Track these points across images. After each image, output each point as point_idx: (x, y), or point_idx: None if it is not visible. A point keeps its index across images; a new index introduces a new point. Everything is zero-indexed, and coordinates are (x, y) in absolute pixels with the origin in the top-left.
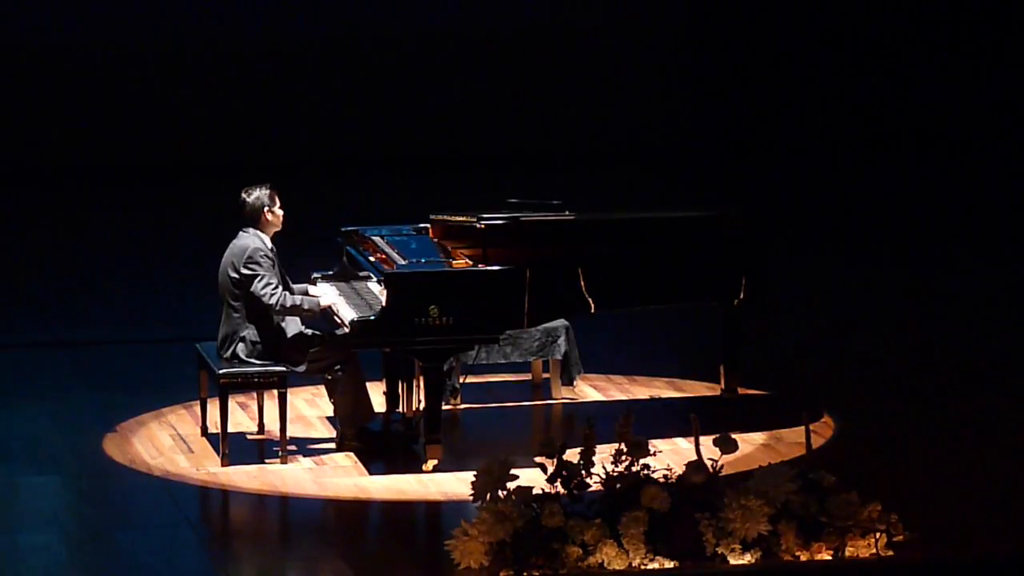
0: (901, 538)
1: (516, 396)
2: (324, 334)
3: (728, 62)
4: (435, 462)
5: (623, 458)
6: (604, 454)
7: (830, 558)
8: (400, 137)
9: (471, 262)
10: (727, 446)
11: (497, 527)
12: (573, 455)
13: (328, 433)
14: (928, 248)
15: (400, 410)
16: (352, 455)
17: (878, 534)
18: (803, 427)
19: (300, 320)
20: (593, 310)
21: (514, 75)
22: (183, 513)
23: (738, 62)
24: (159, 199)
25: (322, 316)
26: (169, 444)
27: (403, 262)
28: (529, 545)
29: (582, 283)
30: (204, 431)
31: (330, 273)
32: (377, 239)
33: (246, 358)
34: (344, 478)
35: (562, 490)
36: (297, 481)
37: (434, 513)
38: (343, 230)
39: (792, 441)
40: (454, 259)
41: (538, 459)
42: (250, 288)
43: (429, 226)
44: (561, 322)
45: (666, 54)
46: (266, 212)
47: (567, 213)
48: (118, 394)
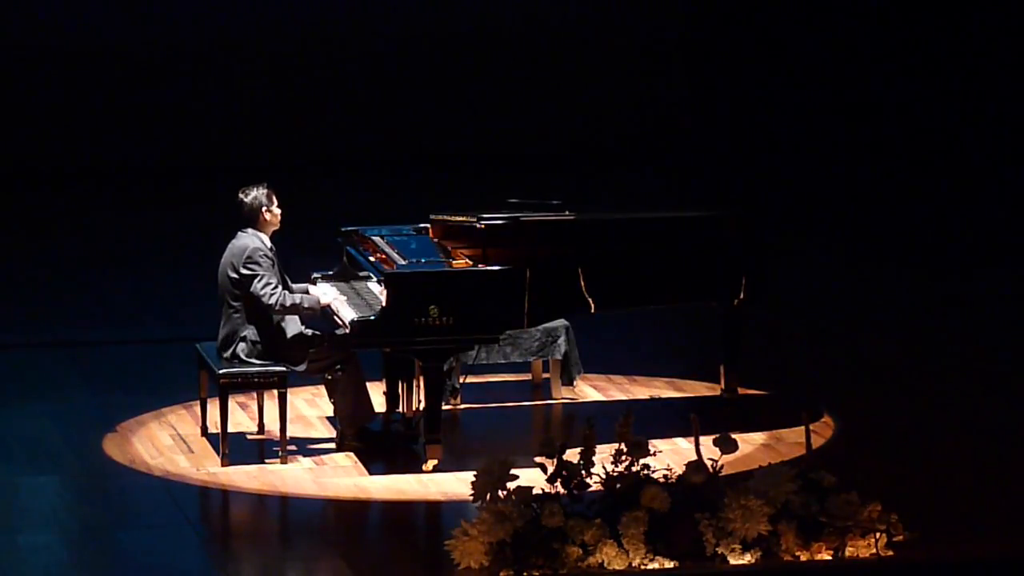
0: (901, 538)
1: (516, 396)
2: (324, 334)
3: (728, 62)
4: (435, 462)
5: (623, 458)
6: (604, 454)
7: (830, 558)
8: (400, 137)
9: (471, 262)
10: (727, 446)
11: (497, 527)
12: (573, 455)
13: (328, 433)
14: (928, 248)
15: (400, 410)
16: (352, 455)
17: (878, 534)
18: (803, 427)
19: (300, 320)
20: (593, 310)
21: (514, 75)
22: (183, 513)
23: (738, 62)
24: (159, 199)
25: (322, 316)
26: (169, 444)
27: (403, 262)
28: (529, 545)
29: (582, 283)
30: (204, 431)
31: (330, 273)
32: (377, 239)
33: (246, 358)
34: (344, 478)
35: (562, 490)
36: (297, 481)
37: (434, 513)
38: (343, 230)
39: (792, 441)
40: (454, 259)
41: (538, 459)
42: (250, 288)
43: (429, 226)
44: (561, 322)
45: (666, 54)
46: (264, 212)
47: (567, 213)
48: (118, 394)
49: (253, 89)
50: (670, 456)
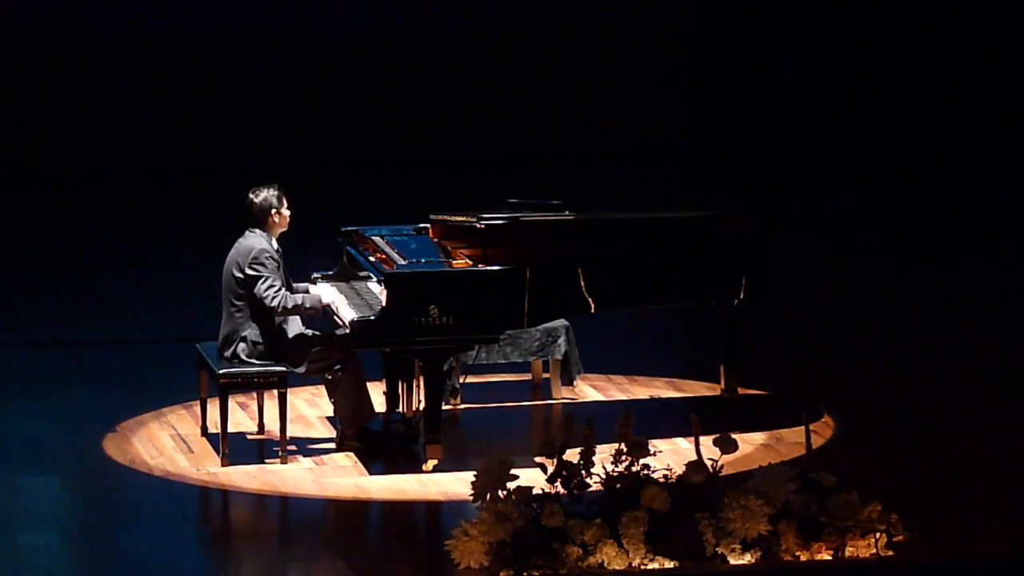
0: (901, 538)
1: (516, 396)
2: (325, 334)
3: (728, 62)
4: (435, 462)
5: (623, 458)
6: (604, 454)
7: (830, 558)
8: (400, 137)
9: (471, 262)
10: (727, 446)
11: (497, 527)
12: (573, 455)
13: (328, 433)
14: (928, 248)
15: (400, 410)
16: (352, 455)
17: (878, 534)
18: (803, 427)
19: (301, 320)
20: (593, 310)
21: (514, 75)
22: (183, 513)
23: (738, 62)
24: (159, 199)
25: (322, 316)
26: (169, 444)
27: (403, 262)
28: (529, 545)
29: (582, 283)
30: (204, 431)
31: (330, 273)
32: (377, 239)
33: (247, 358)
34: (344, 478)
35: (562, 490)
36: (297, 481)
37: (434, 513)
38: (343, 230)
39: (792, 441)
40: (454, 259)
41: (538, 459)
42: (253, 289)
43: (429, 226)
44: (561, 322)
45: (666, 54)
46: (273, 214)
47: (567, 213)
48: (118, 394)
49: (253, 89)
50: (670, 456)
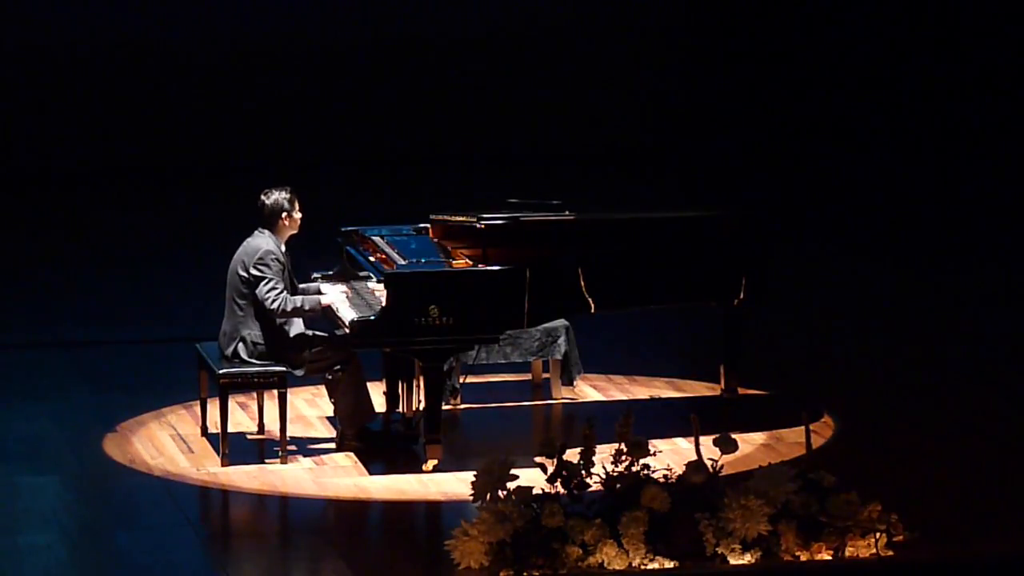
0: (901, 538)
1: (516, 396)
2: (325, 334)
3: (727, 62)
4: (435, 462)
5: (623, 458)
6: (604, 454)
7: (830, 558)
8: (400, 137)
9: (471, 262)
10: (727, 446)
11: (497, 527)
12: (573, 455)
13: (328, 433)
14: (928, 248)
15: (400, 410)
16: (352, 455)
17: (878, 534)
18: (803, 427)
19: (303, 321)
20: (593, 310)
21: (514, 75)
22: (183, 513)
23: (737, 62)
24: (159, 199)
25: (323, 316)
26: (169, 444)
27: (403, 262)
28: (529, 545)
29: (582, 283)
30: (204, 431)
31: (330, 273)
32: (377, 239)
33: (247, 358)
34: (344, 478)
35: (562, 490)
36: (297, 481)
37: (434, 513)
38: (343, 230)
39: (792, 441)
40: (454, 259)
41: (538, 459)
42: (255, 290)
43: (429, 226)
44: (561, 322)
45: (665, 54)
46: (284, 217)
47: (567, 213)
48: (118, 394)
49: (253, 89)
50: (670, 456)
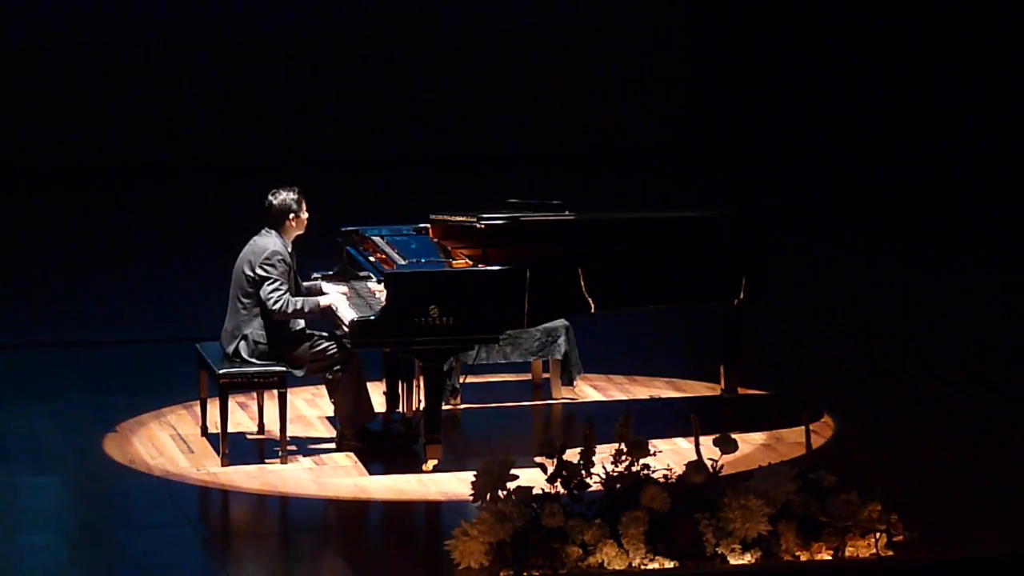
0: (901, 538)
1: (516, 396)
2: (326, 334)
3: (727, 62)
4: (435, 462)
5: (623, 458)
6: (604, 454)
7: (830, 558)
8: (400, 137)
9: (471, 262)
10: (727, 446)
11: (497, 527)
12: (573, 455)
13: (328, 433)
14: (928, 248)
15: (400, 410)
16: (352, 455)
17: (878, 534)
18: (803, 427)
19: (304, 322)
20: (593, 310)
21: (514, 75)
22: (183, 513)
23: (737, 62)
24: (159, 198)
25: (322, 316)
26: (169, 444)
27: (403, 262)
28: (529, 545)
29: (582, 283)
30: (204, 431)
31: (330, 273)
32: (377, 239)
33: (248, 357)
34: (344, 478)
35: (562, 490)
36: (297, 481)
37: (434, 513)
38: (343, 230)
39: (792, 441)
40: (454, 259)
41: (538, 459)
42: (259, 290)
43: (429, 226)
44: (561, 322)
45: (665, 54)
46: (291, 218)
47: (567, 213)
48: (118, 394)
49: (254, 89)
50: (670, 456)
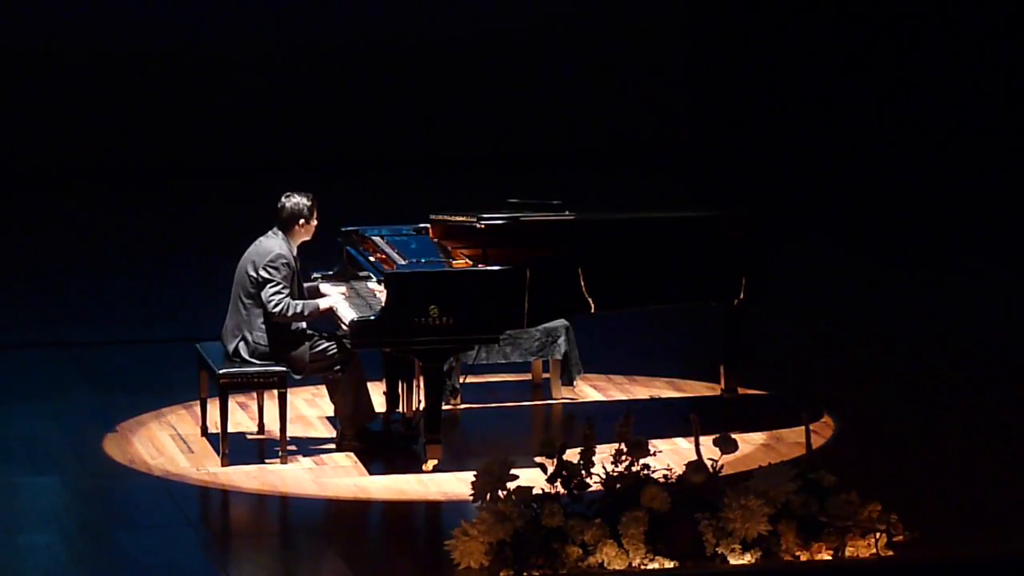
0: (901, 538)
1: (516, 396)
2: (326, 334)
3: (727, 62)
4: (435, 462)
5: (623, 458)
6: (604, 454)
7: (830, 558)
8: (400, 137)
9: (471, 262)
10: (727, 446)
11: (497, 527)
12: (573, 455)
13: (328, 433)
14: (928, 248)
15: (400, 410)
16: (352, 455)
17: (878, 534)
18: (803, 427)
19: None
20: (593, 310)
21: (514, 75)
22: (183, 513)
23: (737, 62)
24: (159, 199)
25: (322, 318)
26: (169, 444)
27: (403, 262)
28: (529, 545)
29: (582, 283)
30: (204, 431)
31: (330, 273)
32: (377, 239)
33: (247, 357)
34: (344, 478)
35: (562, 490)
36: (297, 481)
37: (434, 513)
38: (343, 230)
39: (792, 441)
40: (454, 259)
41: (538, 459)
42: (260, 291)
43: (429, 226)
44: (561, 322)
45: (665, 54)
46: (300, 223)
47: (567, 213)
48: (118, 394)
49: (254, 89)
50: (670, 456)
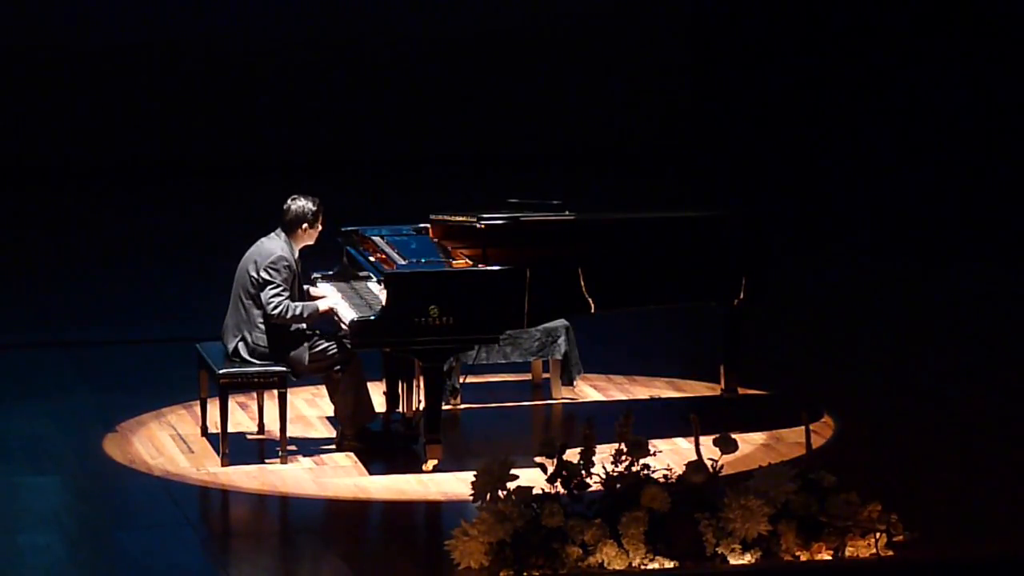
0: (901, 538)
1: (516, 396)
2: (325, 334)
3: (729, 62)
4: (435, 462)
5: (623, 458)
6: (604, 454)
7: (830, 558)
8: (400, 137)
9: (471, 262)
10: (727, 446)
11: (497, 527)
12: (573, 455)
13: (328, 433)
14: (928, 247)
15: (400, 410)
16: (352, 455)
17: (878, 534)
18: (803, 427)
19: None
20: (593, 310)
21: (514, 75)
22: (183, 513)
23: (739, 62)
24: (159, 198)
25: (321, 320)
26: (169, 444)
27: (403, 262)
28: (529, 545)
29: (582, 283)
30: (204, 431)
31: (330, 273)
32: (377, 239)
33: (247, 357)
34: (344, 478)
35: (562, 490)
36: (297, 481)
37: (434, 513)
38: (343, 230)
39: (792, 441)
40: (454, 259)
41: (538, 459)
42: (260, 292)
43: (429, 226)
44: (561, 322)
45: (666, 54)
46: (304, 226)
47: (567, 213)
48: (118, 394)
49: (254, 89)
50: (670, 456)
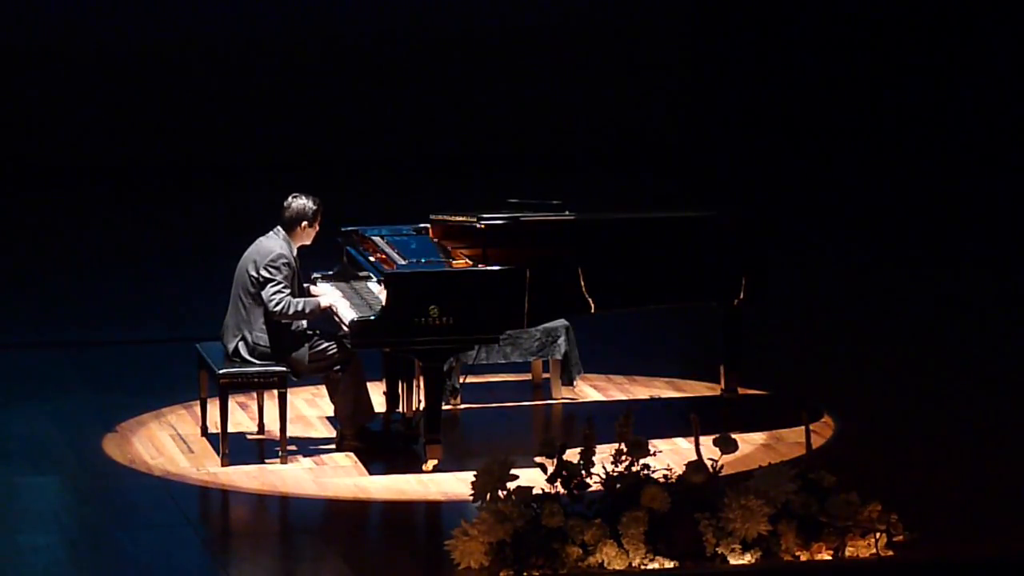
0: (901, 538)
1: (516, 396)
2: (326, 334)
3: (728, 62)
4: (435, 462)
5: (623, 458)
6: (604, 454)
7: (830, 558)
8: (400, 137)
9: (471, 262)
10: (727, 446)
11: (497, 527)
12: (573, 455)
13: (328, 433)
14: (928, 248)
15: (400, 410)
16: (352, 455)
17: (878, 534)
18: (803, 427)
19: (305, 322)
20: (593, 310)
21: (514, 76)
22: (183, 513)
23: (738, 62)
24: (159, 199)
25: (322, 316)
26: (169, 444)
27: (403, 262)
28: (529, 545)
29: (582, 283)
30: (204, 431)
31: (330, 273)
32: (377, 239)
33: (247, 356)
34: (344, 478)
35: (562, 490)
36: (297, 481)
37: (434, 513)
38: (343, 230)
39: (792, 441)
40: (454, 259)
41: (538, 459)
42: (261, 291)
43: (429, 226)
44: (561, 322)
45: (666, 54)
46: (303, 225)
47: (567, 213)
48: (118, 394)
49: (255, 90)
50: (670, 456)
